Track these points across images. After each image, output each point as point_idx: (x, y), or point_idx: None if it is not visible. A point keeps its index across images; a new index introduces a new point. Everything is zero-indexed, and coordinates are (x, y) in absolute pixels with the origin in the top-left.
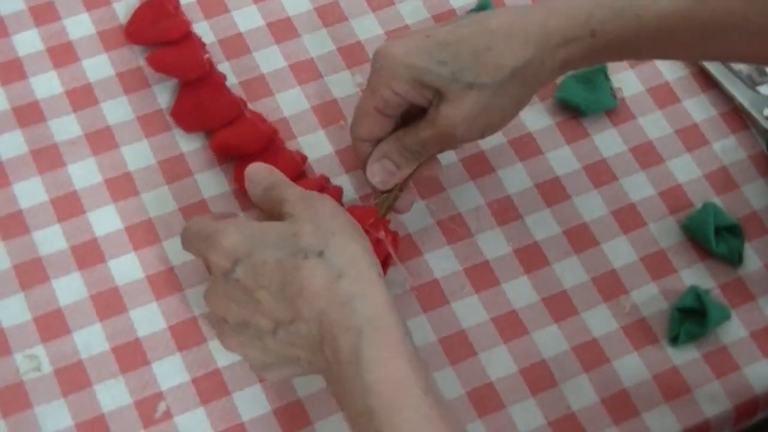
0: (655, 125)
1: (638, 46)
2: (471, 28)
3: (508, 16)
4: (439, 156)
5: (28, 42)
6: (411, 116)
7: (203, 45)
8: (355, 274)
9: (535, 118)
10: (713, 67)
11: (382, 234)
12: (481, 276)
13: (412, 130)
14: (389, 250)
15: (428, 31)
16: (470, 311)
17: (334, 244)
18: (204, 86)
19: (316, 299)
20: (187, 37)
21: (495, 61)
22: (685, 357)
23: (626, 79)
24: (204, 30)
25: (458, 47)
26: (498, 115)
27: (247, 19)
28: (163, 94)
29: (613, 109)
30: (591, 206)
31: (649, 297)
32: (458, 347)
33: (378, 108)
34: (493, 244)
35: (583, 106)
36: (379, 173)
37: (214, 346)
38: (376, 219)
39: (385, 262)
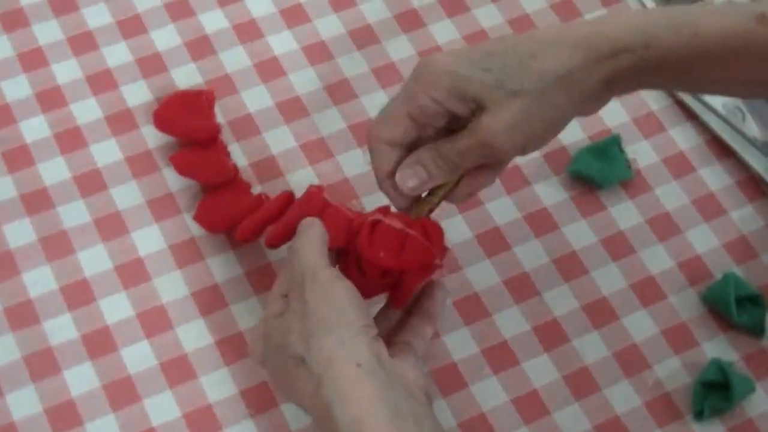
0: (671, 195)
1: (692, 66)
2: (518, 39)
3: (556, 27)
4: (454, 234)
5: (35, 128)
6: (442, 132)
7: (226, 149)
8: (332, 378)
9: (550, 191)
10: (727, 135)
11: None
12: (500, 356)
13: (450, 140)
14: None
15: (475, 45)
16: (490, 393)
17: (313, 347)
18: (228, 191)
19: (309, 407)
20: (213, 141)
21: (539, 67)
22: None
23: (640, 149)
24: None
25: (504, 56)
26: (540, 125)
27: (257, 99)
28: (172, 178)
29: (628, 181)
30: (610, 280)
31: (671, 371)
32: (479, 431)
33: (412, 114)
34: (512, 323)
35: (597, 178)
36: (410, 179)
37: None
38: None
39: (427, 264)
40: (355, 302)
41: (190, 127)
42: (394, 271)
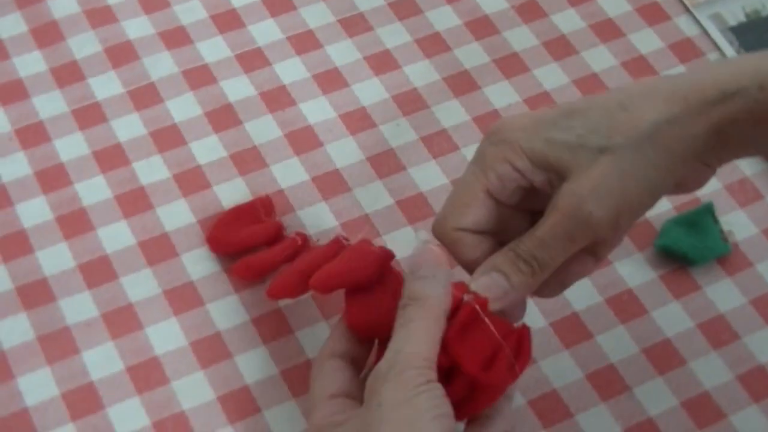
0: None
1: None
2: (605, 95)
3: (650, 78)
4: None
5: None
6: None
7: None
8: None
9: (635, 271)
10: None
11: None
12: None
13: (528, 232)
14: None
15: (559, 104)
16: None
17: None
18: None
19: None
20: (278, 239)
21: (630, 117)
22: None
23: (736, 220)
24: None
25: (587, 112)
26: (635, 188)
27: (291, 174)
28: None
29: (725, 256)
30: (712, 372)
31: None
32: None
33: (491, 190)
34: (600, 425)
35: (689, 253)
36: (489, 288)
37: None
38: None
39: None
40: (437, 420)
41: (246, 236)
42: (467, 379)
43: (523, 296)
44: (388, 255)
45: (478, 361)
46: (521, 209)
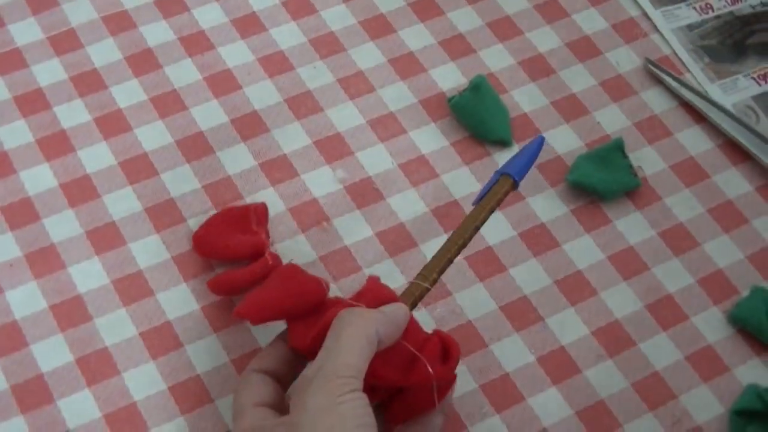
0: (684, 205)
1: None
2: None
3: None
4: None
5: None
6: None
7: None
8: None
9: (547, 205)
10: (742, 137)
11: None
12: (503, 392)
13: None
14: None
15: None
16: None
17: None
18: None
19: None
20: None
21: None
22: None
23: (645, 156)
24: None
25: None
26: None
27: (210, 116)
28: None
29: (634, 190)
30: (622, 301)
31: (701, 402)
32: None
33: None
34: (513, 354)
35: (600, 188)
36: None
37: None
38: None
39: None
40: (360, 429)
41: (231, 247)
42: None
43: None
44: (325, 287)
45: (398, 373)
46: None
